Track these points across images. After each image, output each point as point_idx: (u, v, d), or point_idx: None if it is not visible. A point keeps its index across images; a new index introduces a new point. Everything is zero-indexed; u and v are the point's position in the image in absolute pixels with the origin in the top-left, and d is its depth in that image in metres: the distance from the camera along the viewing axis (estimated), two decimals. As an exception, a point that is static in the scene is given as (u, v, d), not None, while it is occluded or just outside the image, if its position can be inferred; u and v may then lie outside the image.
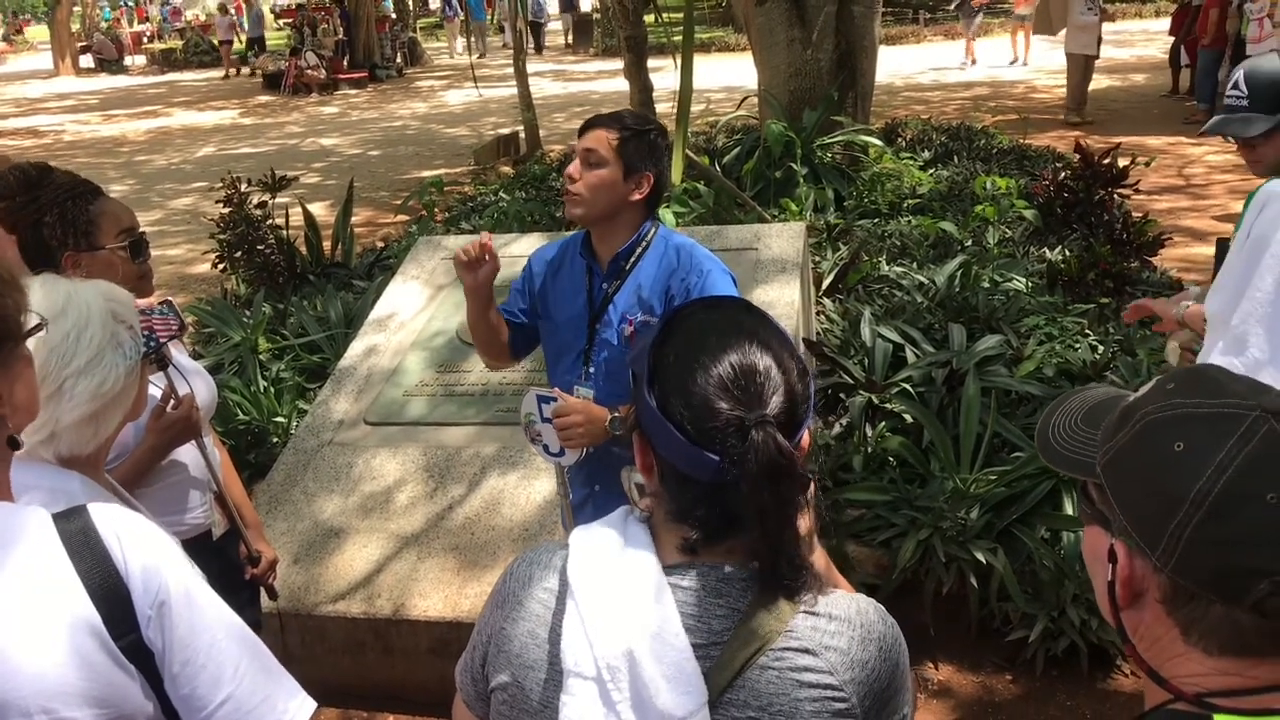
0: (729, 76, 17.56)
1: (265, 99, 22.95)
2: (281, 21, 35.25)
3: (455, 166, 12.89)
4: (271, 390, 5.14)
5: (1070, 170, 6.82)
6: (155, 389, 2.29)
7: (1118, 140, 7.59)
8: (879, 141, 8.37)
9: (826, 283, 5.76)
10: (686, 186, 6.99)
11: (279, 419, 4.92)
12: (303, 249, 7.10)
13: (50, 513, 1.30)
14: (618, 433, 2.39)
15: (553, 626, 1.28)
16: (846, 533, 3.84)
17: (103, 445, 1.65)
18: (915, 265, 6.01)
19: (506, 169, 11.66)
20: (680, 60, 6.32)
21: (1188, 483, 0.94)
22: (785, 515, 1.21)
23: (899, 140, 9.63)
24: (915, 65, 19.61)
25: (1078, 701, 3.39)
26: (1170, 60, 15.07)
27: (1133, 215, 6.57)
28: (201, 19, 42.62)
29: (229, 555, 2.62)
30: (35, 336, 1.33)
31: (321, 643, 3.50)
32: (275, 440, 4.80)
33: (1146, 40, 20.72)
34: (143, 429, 2.29)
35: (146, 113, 21.61)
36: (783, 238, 4.81)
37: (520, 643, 1.30)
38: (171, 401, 2.32)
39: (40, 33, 43.15)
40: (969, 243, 6.49)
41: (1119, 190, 6.56)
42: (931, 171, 8.35)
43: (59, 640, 1.23)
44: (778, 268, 4.55)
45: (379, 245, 8.12)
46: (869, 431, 4.30)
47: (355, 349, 4.61)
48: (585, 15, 30.10)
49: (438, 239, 5.38)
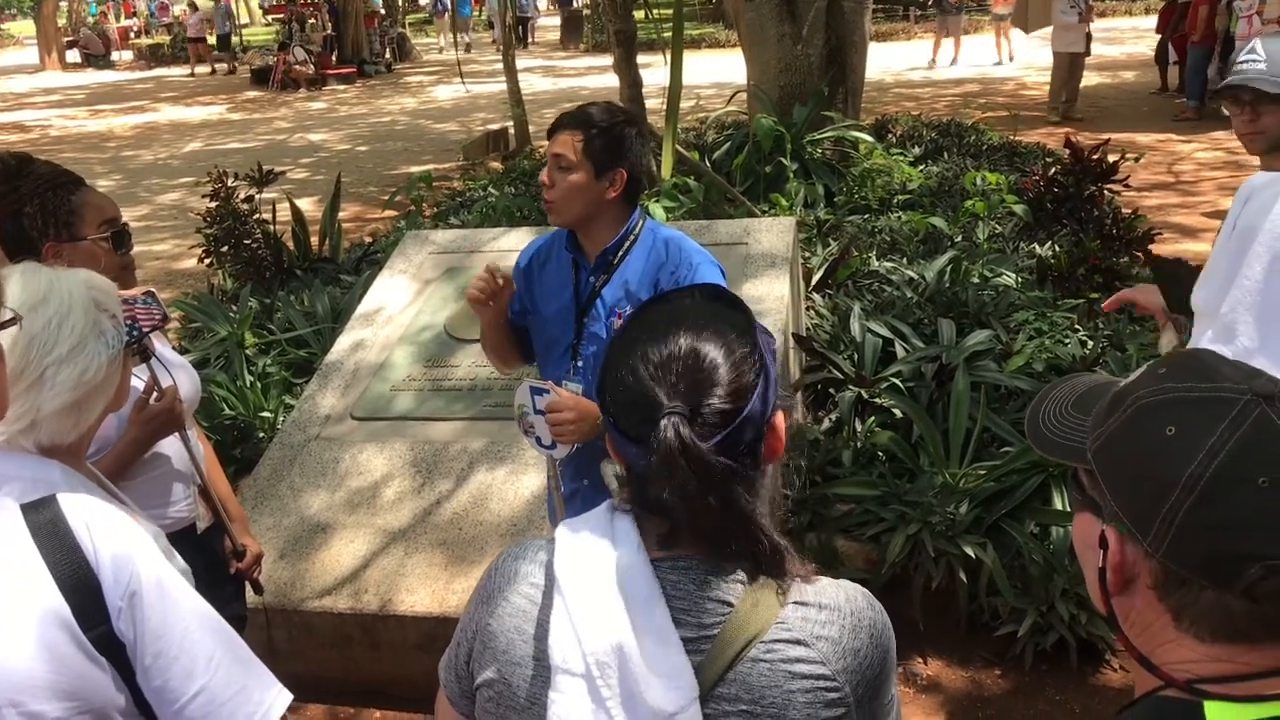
0: (719, 73, 17.54)
1: (253, 94, 22.87)
2: (270, 17, 35.17)
3: (444, 162, 12.85)
4: (258, 385, 5.11)
5: (1060, 166, 6.82)
6: (138, 381, 2.26)
7: (1107, 136, 7.60)
8: (869, 137, 8.37)
9: (816, 278, 5.75)
10: (676, 182, 6.97)
11: (265, 414, 4.89)
12: (290, 244, 7.07)
13: (18, 503, 1.27)
14: None
15: (539, 622, 1.26)
16: (836, 527, 3.83)
17: (84, 435, 1.63)
18: (905, 261, 6.01)
19: (495, 164, 11.64)
20: (670, 56, 6.31)
21: (1179, 467, 0.93)
22: (711, 505, 1.18)
23: (889, 136, 9.63)
24: (906, 62, 19.61)
25: (1066, 696, 3.38)
26: (1156, 58, 15.11)
27: (1122, 211, 6.58)
28: (187, 14, 42.49)
29: (214, 549, 2.60)
30: (9, 330, 1.30)
31: (308, 638, 3.48)
32: (261, 435, 4.77)
33: (1136, 38, 20.76)
34: (125, 421, 2.26)
35: (133, 108, 21.51)
36: (772, 233, 4.79)
37: (506, 639, 1.28)
38: (154, 393, 2.29)
39: (26, 27, 42.93)
40: (959, 238, 6.49)
41: (1109, 186, 6.56)
42: (922, 167, 8.35)
43: (27, 633, 1.21)
44: (767, 262, 4.54)
45: (367, 240, 8.09)
46: (858, 426, 4.29)
47: (342, 344, 4.58)
48: (575, 11, 30.08)
49: (425, 233, 5.36)
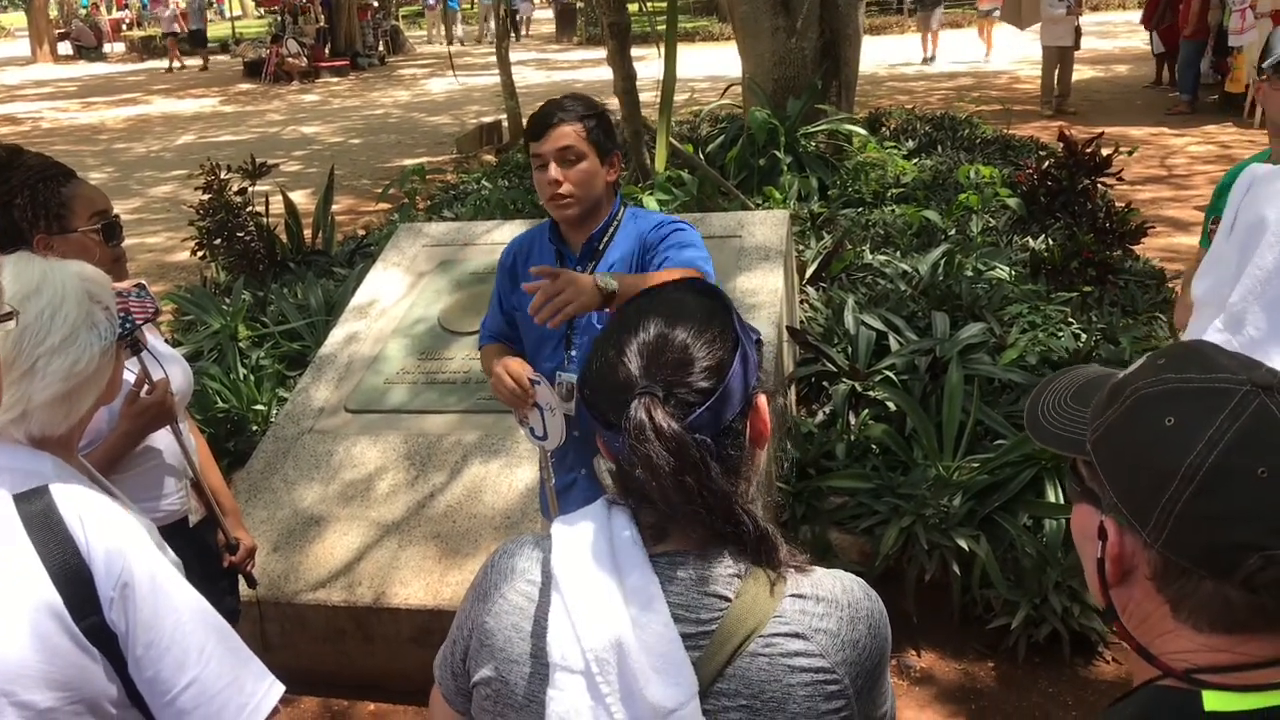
0: (713, 66, 17.53)
1: (246, 87, 22.80)
2: (263, 9, 35.04)
3: (437, 155, 12.83)
4: (251, 378, 5.09)
5: (1054, 159, 6.83)
6: (129, 374, 2.25)
7: (1101, 130, 7.61)
8: (863, 130, 8.36)
9: (810, 271, 5.75)
10: (670, 175, 6.96)
11: (259, 407, 4.88)
12: (283, 236, 7.05)
13: (11, 493, 1.27)
14: (612, 288, 2.18)
15: (537, 619, 1.25)
16: (829, 520, 3.84)
17: (75, 427, 1.62)
18: (899, 254, 6.01)
19: (489, 157, 11.62)
20: (664, 48, 6.30)
21: (1178, 457, 0.93)
22: (686, 483, 1.18)
23: (883, 130, 9.63)
24: (899, 55, 19.60)
25: (1059, 689, 3.39)
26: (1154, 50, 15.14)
27: (1116, 205, 6.59)
28: (182, 6, 42.37)
29: (207, 543, 2.59)
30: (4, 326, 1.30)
31: (301, 631, 3.47)
32: (255, 428, 4.76)
33: (1130, 32, 20.77)
34: (117, 414, 2.25)
35: (125, 100, 21.43)
36: (766, 225, 4.79)
37: (504, 636, 1.27)
38: (145, 386, 2.28)
39: (17, 19, 42.73)
40: (952, 231, 6.49)
41: (1102, 179, 6.57)
42: (915, 161, 8.35)
43: (19, 623, 1.20)
44: (761, 255, 4.54)
45: (360, 233, 8.07)
46: (852, 419, 4.29)
47: (336, 336, 4.57)
48: (569, 4, 30.02)
49: (419, 226, 5.35)
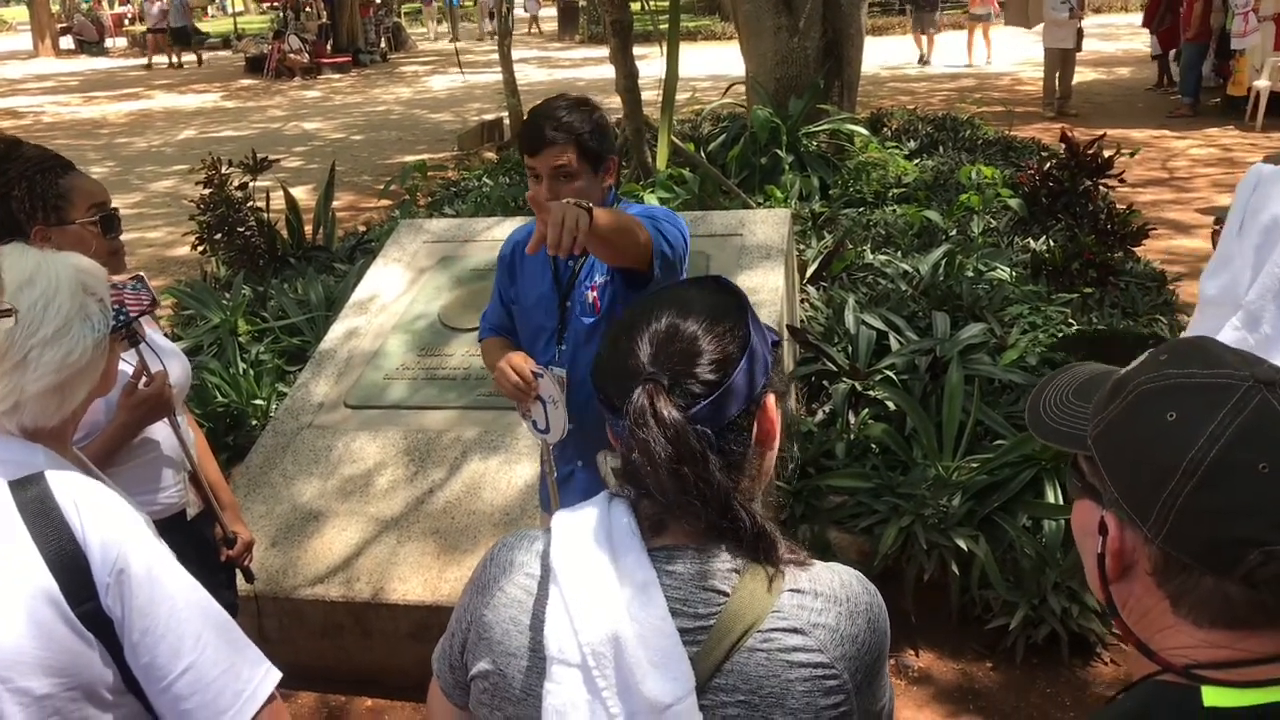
0: (715, 65, 17.53)
1: (247, 83, 22.79)
2: (265, 5, 35.04)
3: (438, 151, 12.82)
4: (251, 373, 5.09)
5: (1056, 161, 6.83)
6: (127, 366, 2.25)
7: (1102, 132, 7.62)
8: (865, 130, 8.36)
9: (811, 270, 5.74)
10: (671, 173, 6.96)
11: (258, 401, 4.88)
12: (284, 232, 7.04)
13: (6, 480, 1.27)
14: (587, 206, 2.05)
15: (535, 613, 1.25)
16: (829, 519, 3.84)
17: (68, 419, 1.62)
18: (899, 254, 6.00)
19: (490, 154, 11.62)
20: (666, 47, 6.30)
21: (1180, 452, 0.93)
22: (682, 472, 1.18)
23: (884, 130, 9.62)
24: (902, 56, 19.58)
25: (1058, 689, 3.39)
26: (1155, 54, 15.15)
27: (1117, 206, 6.59)
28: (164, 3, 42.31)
29: (204, 536, 2.59)
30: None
31: (299, 626, 3.47)
32: (254, 423, 4.76)
33: (1131, 34, 20.75)
34: (114, 406, 2.25)
35: (127, 95, 21.42)
36: (767, 224, 4.79)
37: (502, 629, 1.27)
38: (143, 378, 2.28)
39: (19, 13, 42.73)
40: (954, 232, 6.49)
41: (1104, 181, 6.56)
42: (917, 161, 8.35)
43: (15, 609, 1.20)
44: (762, 254, 4.53)
45: (361, 229, 8.07)
46: (852, 418, 4.29)
47: (336, 331, 4.57)
48: (572, 2, 30.03)
49: (420, 222, 5.34)
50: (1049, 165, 6.83)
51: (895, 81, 17.13)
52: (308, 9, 25.15)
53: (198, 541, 2.52)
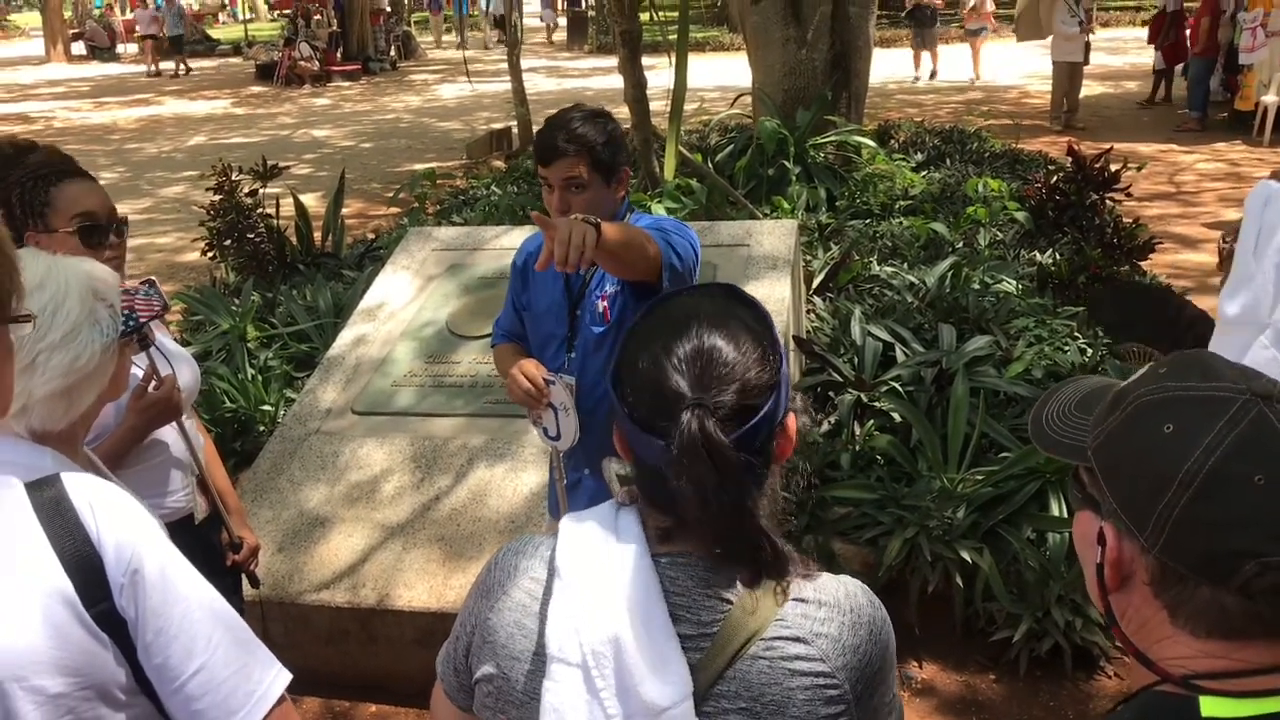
0: (723, 76, 17.57)
1: (258, 89, 22.88)
2: (276, 13, 35.17)
3: (447, 160, 12.86)
4: (259, 378, 5.11)
5: (1063, 174, 6.83)
6: (137, 369, 2.27)
7: (1109, 145, 7.63)
8: (872, 142, 8.38)
9: (817, 281, 5.75)
10: (679, 183, 6.98)
11: (266, 407, 4.90)
12: (293, 238, 7.07)
13: (24, 482, 1.28)
14: (594, 221, 2.08)
15: (539, 616, 1.26)
16: (833, 530, 3.84)
17: (76, 422, 1.63)
18: (906, 266, 6.01)
19: (498, 163, 11.66)
20: (674, 58, 6.32)
21: (1176, 463, 0.94)
22: (724, 500, 1.18)
23: (892, 142, 9.64)
24: (910, 69, 19.59)
25: (1061, 702, 3.39)
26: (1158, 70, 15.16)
27: (1123, 220, 6.59)
28: (195, 8, 42.50)
29: (211, 541, 2.60)
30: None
31: (305, 631, 3.49)
32: (262, 428, 4.78)
33: (1139, 48, 20.74)
34: (124, 408, 2.27)
35: (138, 101, 21.52)
36: (774, 235, 4.80)
37: (506, 633, 1.28)
38: (153, 382, 2.30)
39: (32, 19, 42.96)
40: (960, 244, 6.50)
41: (1110, 195, 6.57)
42: (924, 173, 8.36)
43: (31, 609, 1.21)
44: (768, 264, 4.55)
45: (369, 236, 8.10)
46: (857, 430, 4.30)
47: (344, 338, 4.59)
48: (580, 12, 30.12)
49: (429, 230, 5.37)
50: (1056, 178, 6.84)
51: (903, 94, 17.16)
52: (318, 17, 25.23)
53: (204, 546, 2.53)
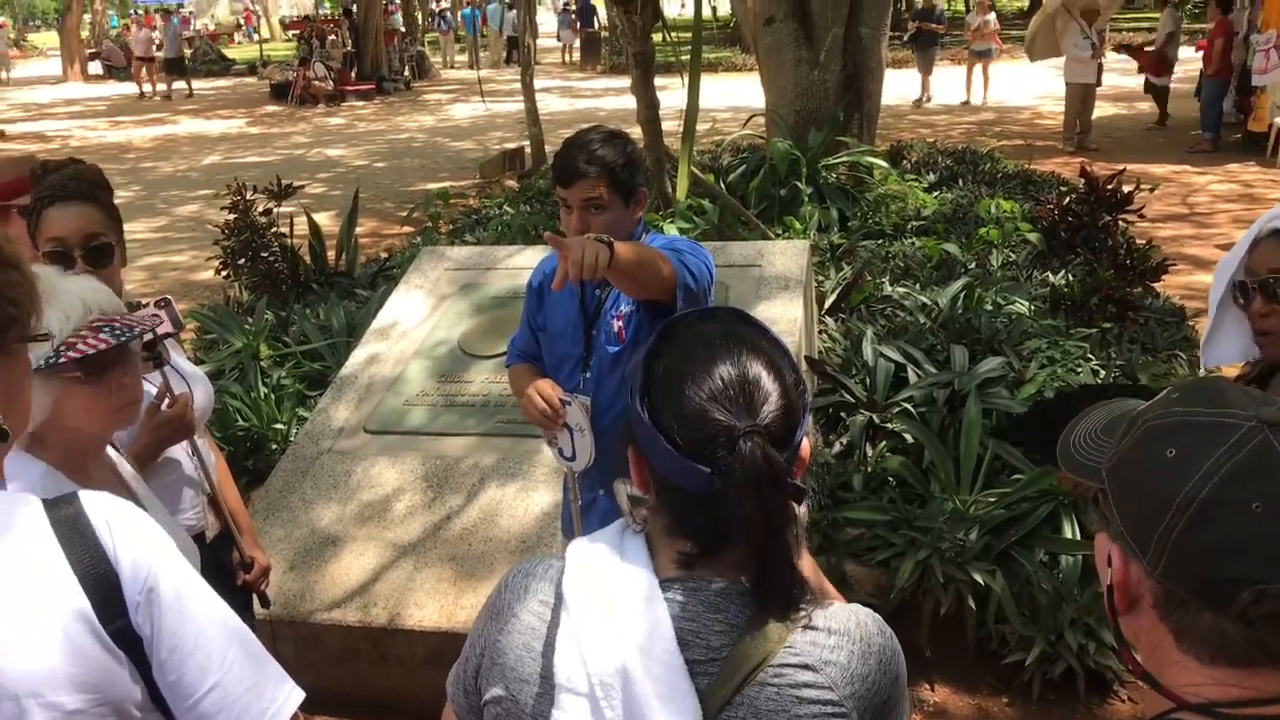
0: (734, 96, 17.62)
1: (272, 109, 23.03)
2: (290, 33, 35.45)
3: (460, 179, 12.92)
4: (272, 397, 5.13)
5: (1075, 195, 6.83)
6: (151, 387, 2.29)
7: (1122, 166, 7.61)
8: (884, 163, 8.39)
9: (829, 302, 5.76)
10: (691, 203, 7.00)
11: (279, 426, 4.91)
12: (306, 257, 7.11)
13: (42, 499, 1.30)
14: (607, 239, 2.11)
15: (548, 640, 1.26)
16: (845, 552, 3.83)
17: (72, 445, 1.68)
18: (918, 286, 6.01)
19: (511, 183, 11.71)
20: (688, 79, 6.35)
21: (1175, 488, 0.95)
22: (773, 528, 1.19)
23: (904, 162, 9.65)
24: (917, 90, 19.61)
25: (1074, 726, 3.37)
26: (1148, 91, 15.18)
27: (1136, 241, 6.58)
28: (211, 28, 42.91)
29: (222, 560, 2.61)
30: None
31: (316, 650, 3.48)
32: (274, 447, 4.79)
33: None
34: (138, 426, 2.28)
35: (153, 120, 21.68)
36: (786, 255, 4.81)
37: (515, 655, 1.28)
38: (166, 400, 2.32)
39: (50, 39, 43.39)
40: (972, 265, 6.50)
41: (1123, 216, 6.57)
42: (936, 194, 8.37)
43: (48, 626, 1.22)
44: (781, 285, 4.55)
45: (383, 255, 8.13)
46: (869, 451, 4.29)
47: (357, 357, 4.60)
48: (594, 33, 30.29)
49: (442, 250, 5.39)
50: (1068, 200, 6.84)
51: (915, 114, 17.19)
52: (333, 37, 25.42)
53: (215, 565, 2.53)
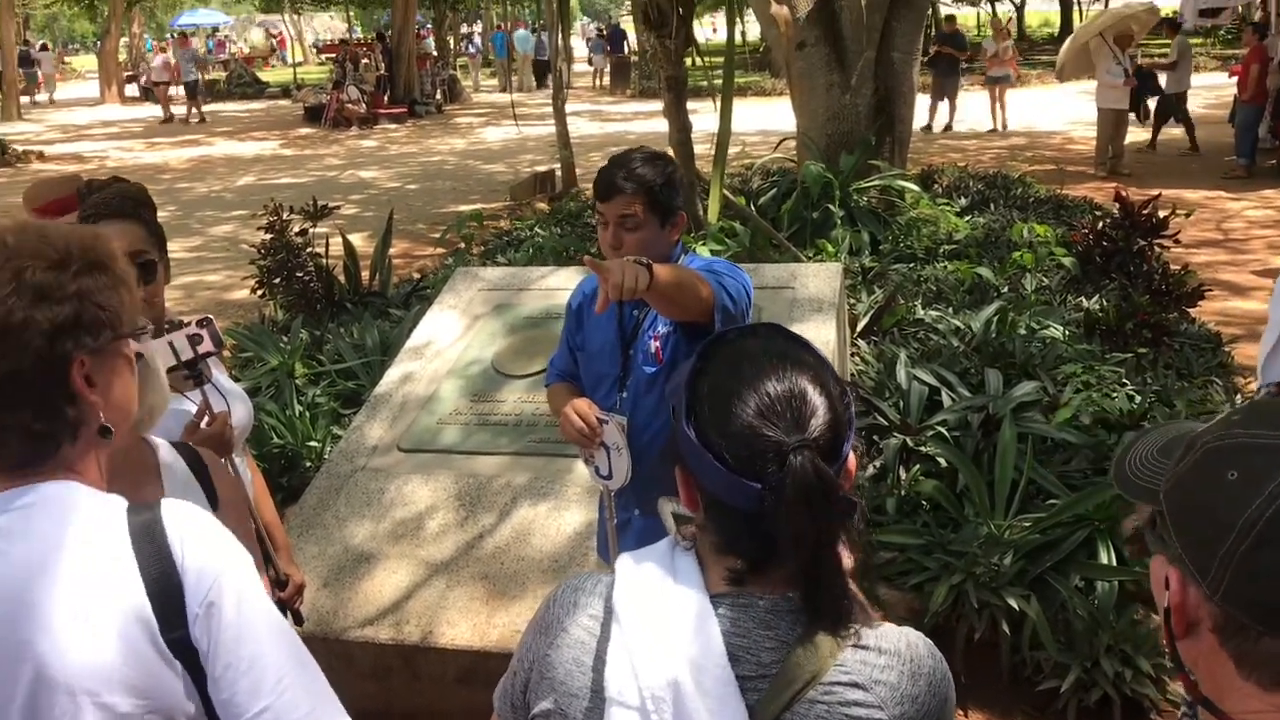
0: (763, 120, 17.66)
1: (306, 131, 23.28)
2: (324, 56, 35.88)
3: (492, 202, 13.01)
4: (307, 415, 5.17)
5: (1109, 220, 6.80)
6: (191, 405, 2.31)
7: (1157, 192, 7.58)
8: (915, 187, 8.39)
9: (862, 324, 5.75)
10: (722, 225, 7.02)
11: (313, 443, 4.95)
12: (341, 277, 7.18)
13: (127, 504, 1.33)
14: (646, 262, 2.12)
15: (597, 654, 1.27)
16: (878, 575, 3.81)
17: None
18: (951, 310, 5.99)
19: (542, 205, 11.78)
20: (719, 102, 6.39)
21: (1237, 510, 0.93)
22: (823, 542, 1.20)
23: (935, 186, 9.65)
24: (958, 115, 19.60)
25: (1111, 755, 3.33)
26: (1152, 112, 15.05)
27: (1172, 267, 6.54)
28: (245, 52, 43.48)
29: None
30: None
31: (348, 667, 3.49)
32: (309, 464, 4.82)
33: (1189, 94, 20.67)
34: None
35: (188, 141, 21.97)
36: (819, 278, 4.81)
37: (564, 670, 1.29)
38: (206, 418, 2.34)
39: (88, 62, 44.13)
40: (1005, 289, 6.47)
41: (1158, 241, 6.53)
42: (968, 218, 8.35)
43: (110, 626, 1.24)
44: (814, 307, 4.55)
45: (415, 276, 8.20)
46: (903, 474, 4.27)
47: (391, 376, 4.63)
48: (624, 58, 30.52)
49: (475, 270, 5.43)
50: (1102, 224, 6.81)
51: (945, 138, 17.17)
52: (366, 61, 25.70)
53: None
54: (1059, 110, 19.40)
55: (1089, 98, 14.54)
